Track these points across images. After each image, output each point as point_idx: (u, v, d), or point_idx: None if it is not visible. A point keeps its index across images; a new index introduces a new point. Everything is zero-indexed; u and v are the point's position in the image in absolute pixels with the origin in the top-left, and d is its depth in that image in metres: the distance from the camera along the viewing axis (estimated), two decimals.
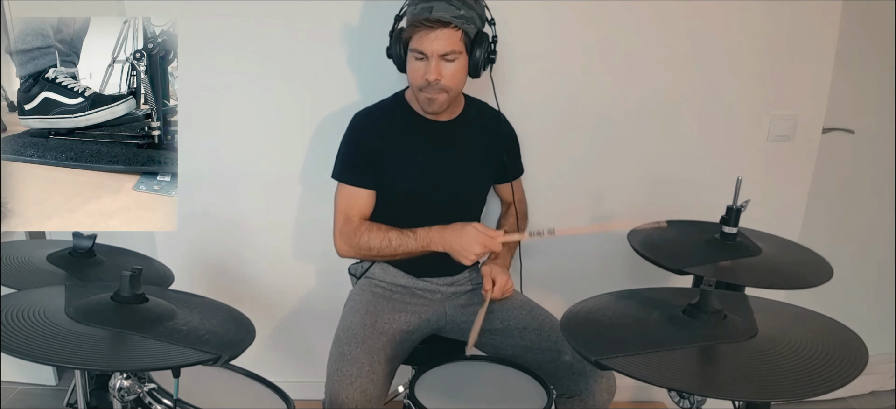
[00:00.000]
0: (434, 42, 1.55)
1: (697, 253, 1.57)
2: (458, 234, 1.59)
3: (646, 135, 2.11)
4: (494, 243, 1.58)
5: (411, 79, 1.63)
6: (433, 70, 1.57)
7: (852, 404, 2.45)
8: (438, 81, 1.59)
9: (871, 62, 2.21)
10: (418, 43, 1.56)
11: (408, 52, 1.61)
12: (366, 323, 1.65)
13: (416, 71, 1.60)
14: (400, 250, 1.65)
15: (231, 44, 1.95)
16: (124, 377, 1.20)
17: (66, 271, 1.53)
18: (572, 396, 1.63)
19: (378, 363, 1.56)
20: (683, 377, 1.07)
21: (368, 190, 1.72)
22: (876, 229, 2.40)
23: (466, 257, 1.58)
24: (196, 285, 1.53)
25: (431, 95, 1.62)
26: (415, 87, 1.63)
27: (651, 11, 1.98)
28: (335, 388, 1.52)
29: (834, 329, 1.21)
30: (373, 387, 1.52)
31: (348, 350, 1.58)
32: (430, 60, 1.57)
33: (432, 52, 1.56)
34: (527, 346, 1.67)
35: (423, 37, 1.55)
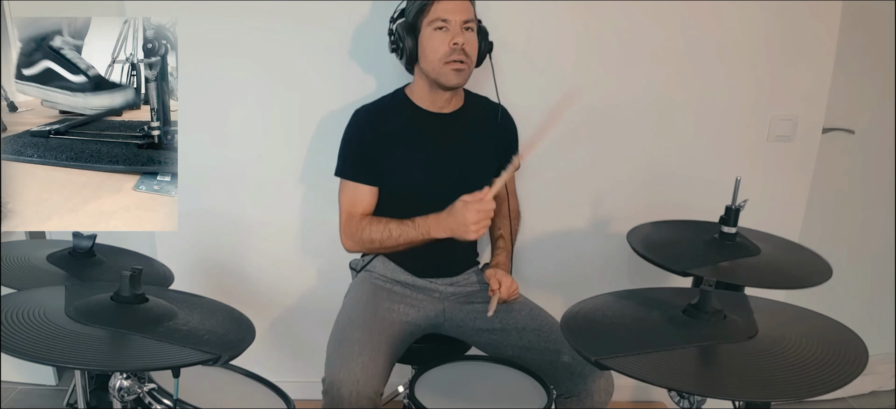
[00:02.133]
0: (456, 11, 1.62)
1: (697, 253, 1.58)
2: (451, 214, 1.58)
3: (646, 135, 2.11)
4: (485, 202, 1.56)
5: (433, 53, 1.64)
6: (459, 32, 1.62)
7: (852, 404, 2.45)
8: (464, 47, 1.62)
9: (871, 62, 2.21)
10: (441, 11, 1.61)
11: (422, 33, 1.64)
12: (367, 310, 1.66)
13: (439, 42, 1.62)
14: (401, 240, 1.66)
15: (231, 44, 1.95)
16: (124, 377, 1.20)
17: (66, 271, 1.53)
18: (571, 396, 1.63)
19: (378, 345, 1.57)
20: (683, 377, 1.07)
21: (370, 186, 1.72)
22: (876, 229, 2.40)
23: (467, 230, 1.56)
24: (196, 285, 1.53)
25: (457, 63, 1.63)
26: (438, 60, 1.63)
27: (651, 11, 1.98)
28: (334, 368, 1.51)
29: (834, 329, 1.21)
30: (373, 364, 1.52)
31: (349, 332, 1.59)
32: (452, 27, 1.62)
33: (455, 18, 1.62)
34: (526, 346, 1.67)
35: (444, 5, 1.61)
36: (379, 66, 1.80)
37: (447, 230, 1.60)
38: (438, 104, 1.73)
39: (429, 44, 1.64)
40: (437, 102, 1.73)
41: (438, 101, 1.72)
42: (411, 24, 1.65)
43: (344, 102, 1.95)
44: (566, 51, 2.02)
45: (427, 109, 1.73)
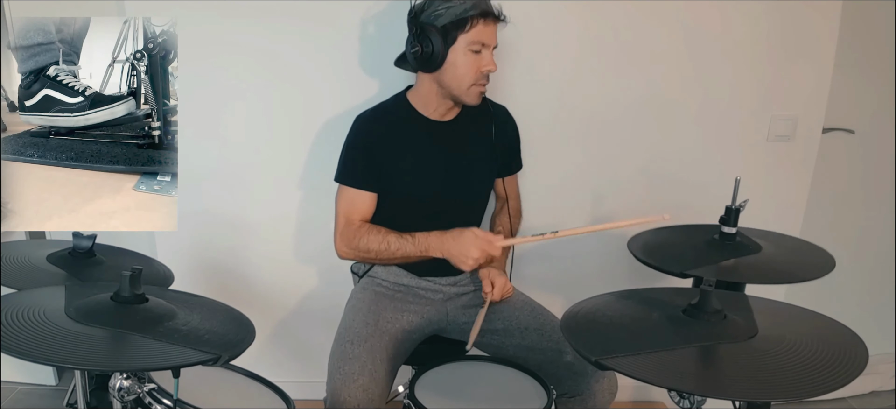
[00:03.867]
0: (493, 36, 1.63)
1: (697, 254, 1.57)
2: (457, 239, 1.59)
3: (646, 135, 2.11)
4: (493, 247, 1.58)
5: (463, 74, 1.62)
6: (491, 61, 1.63)
7: (852, 404, 2.45)
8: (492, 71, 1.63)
9: (871, 62, 2.21)
10: (482, 35, 1.60)
11: (455, 47, 1.60)
12: (368, 322, 1.65)
13: (472, 64, 1.61)
14: (398, 253, 1.65)
15: (232, 44, 1.95)
16: (124, 377, 1.20)
17: (66, 271, 1.53)
18: (573, 396, 1.63)
19: (380, 361, 1.56)
20: (683, 377, 1.07)
21: (370, 193, 1.71)
22: (876, 230, 2.40)
23: (465, 262, 1.58)
24: (196, 285, 1.53)
25: (483, 87, 1.65)
26: (466, 82, 1.63)
27: (651, 11, 1.98)
28: (337, 386, 1.52)
29: (834, 329, 1.21)
30: (374, 385, 1.52)
31: (350, 349, 1.58)
32: (486, 53, 1.62)
33: (491, 44, 1.62)
34: (528, 346, 1.67)
35: (486, 30, 1.60)
36: (383, 67, 1.79)
37: (446, 252, 1.60)
38: (441, 112, 1.72)
39: (461, 62, 1.61)
40: (440, 110, 1.71)
41: (442, 108, 1.71)
42: (445, 30, 1.60)
43: (346, 104, 1.95)
44: (566, 51, 2.02)
45: (429, 116, 1.72)
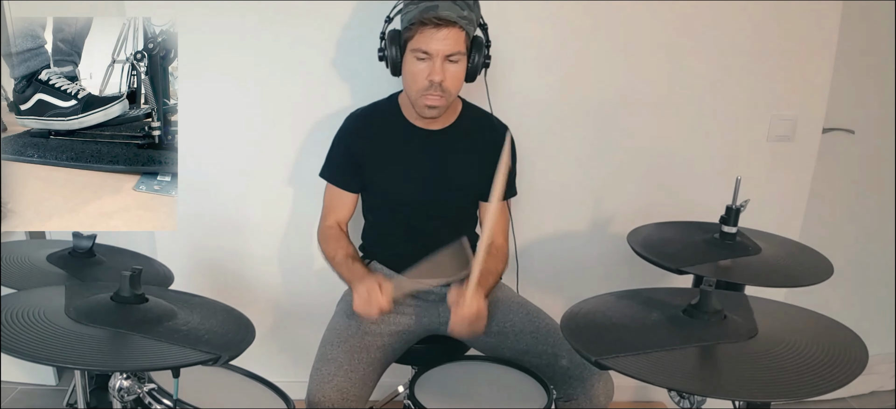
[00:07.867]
0: (441, 42, 1.49)
1: (696, 252, 1.57)
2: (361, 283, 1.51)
3: (645, 135, 2.11)
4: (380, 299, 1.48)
5: (411, 82, 1.56)
6: (438, 70, 1.51)
7: (852, 404, 2.45)
8: (441, 83, 1.52)
9: (871, 62, 2.21)
10: (423, 42, 1.50)
11: (405, 54, 1.55)
12: (351, 323, 1.65)
13: (418, 73, 1.53)
14: (339, 270, 1.65)
15: (232, 44, 1.94)
16: (124, 377, 1.20)
17: (66, 271, 1.53)
18: (570, 400, 1.61)
19: (358, 362, 1.56)
20: (683, 377, 1.07)
21: (350, 193, 1.71)
22: (876, 229, 2.40)
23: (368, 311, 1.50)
24: (196, 286, 1.53)
25: (433, 99, 1.55)
26: (415, 91, 1.56)
27: (650, 11, 1.98)
28: (312, 387, 1.54)
29: (834, 329, 1.21)
30: (350, 385, 1.52)
31: (329, 350, 1.59)
32: (434, 61, 1.51)
33: (437, 52, 1.50)
34: (523, 350, 1.65)
35: (429, 36, 1.49)
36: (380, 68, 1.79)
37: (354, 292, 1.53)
38: (425, 118, 1.63)
39: (408, 69, 1.55)
40: (422, 118, 1.63)
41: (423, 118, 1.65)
42: (399, 35, 1.56)
43: (344, 105, 1.95)
44: (566, 51, 2.02)
45: (415, 123, 1.67)
